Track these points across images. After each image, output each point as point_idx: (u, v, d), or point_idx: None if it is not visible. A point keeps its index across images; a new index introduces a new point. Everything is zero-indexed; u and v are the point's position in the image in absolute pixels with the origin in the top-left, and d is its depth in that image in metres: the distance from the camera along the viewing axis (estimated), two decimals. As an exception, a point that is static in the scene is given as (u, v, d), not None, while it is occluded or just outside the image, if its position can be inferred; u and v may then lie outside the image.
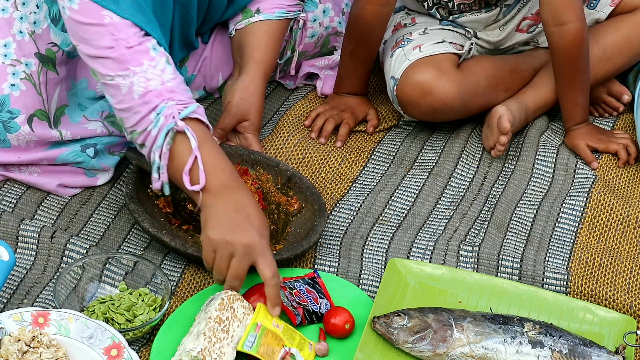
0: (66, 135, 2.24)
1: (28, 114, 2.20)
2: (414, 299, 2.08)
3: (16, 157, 2.23)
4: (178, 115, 1.99)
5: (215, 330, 1.90)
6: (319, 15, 2.59)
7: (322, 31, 2.62)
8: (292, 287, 2.07)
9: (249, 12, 2.45)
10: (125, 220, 2.25)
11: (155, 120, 2.00)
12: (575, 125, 2.54)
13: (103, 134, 2.28)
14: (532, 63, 2.62)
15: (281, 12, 2.45)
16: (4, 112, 2.18)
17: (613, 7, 2.61)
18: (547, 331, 1.97)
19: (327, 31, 2.63)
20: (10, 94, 2.19)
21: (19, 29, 2.20)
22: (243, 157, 2.35)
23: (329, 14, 2.61)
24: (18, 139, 2.20)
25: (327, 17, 2.61)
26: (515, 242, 2.28)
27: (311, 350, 1.98)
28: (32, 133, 2.20)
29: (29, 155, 2.23)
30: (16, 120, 2.19)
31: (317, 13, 2.59)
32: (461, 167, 2.49)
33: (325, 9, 2.60)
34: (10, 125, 2.19)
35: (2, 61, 2.20)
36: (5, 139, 2.20)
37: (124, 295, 2.04)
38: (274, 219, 2.27)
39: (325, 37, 2.64)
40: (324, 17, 2.60)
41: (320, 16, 2.60)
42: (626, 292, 2.15)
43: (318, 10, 2.59)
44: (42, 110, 2.22)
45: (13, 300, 2.06)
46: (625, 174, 2.50)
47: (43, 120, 2.22)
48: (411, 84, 2.44)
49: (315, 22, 2.59)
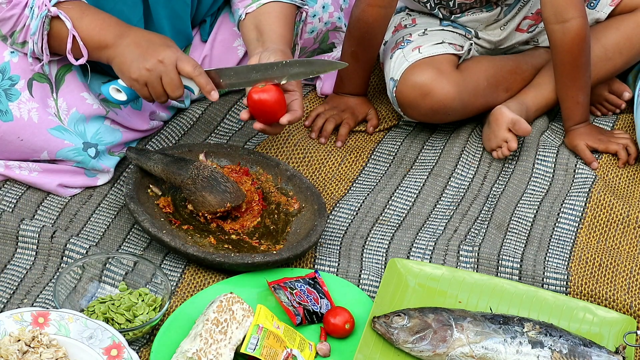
0: (62, 106, 2.23)
1: (27, 78, 2.20)
2: (414, 299, 2.08)
3: (17, 137, 2.21)
4: (49, 3, 2.12)
5: (212, 332, 1.91)
6: (318, 10, 2.59)
7: (321, 27, 2.62)
8: (292, 287, 2.07)
9: None
10: (125, 220, 2.25)
11: (30, 14, 2.13)
12: (575, 125, 2.54)
13: (100, 113, 2.28)
14: (532, 63, 2.62)
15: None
16: (5, 80, 2.19)
17: (613, 7, 2.61)
18: (547, 331, 1.97)
19: (326, 27, 2.63)
20: (10, 61, 2.20)
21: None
22: (243, 157, 2.35)
23: (328, 10, 2.61)
24: (19, 108, 2.20)
25: (326, 12, 2.61)
26: (515, 242, 2.28)
27: (311, 351, 1.98)
28: (32, 99, 2.20)
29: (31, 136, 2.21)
30: (16, 86, 2.19)
31: (316, 8, 2.59)
32: (461, 167, 2.49)
33: (325, 4, 2.60)
34: (11, 93, 2.19)
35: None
36: (7, 110, 2.19)
37: (124, 295, 2.04)
38: (274, 219, 2.27)
39: (325, 32, 2.64)
40: (323, 12, 2.60)
41: (320, 12, 2.60)
42: (626, 292, 2.15)
43: (317, 5, 2.59)
44: (40, 74, 2.22)
45: (13, 300, 2.06)
46: (625, 174, 2.50)
47: (43, 82, 2.22)
48: (410, 85, 2.44)
49: (315, 18, 2.59)
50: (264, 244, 2.19)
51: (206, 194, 2.18)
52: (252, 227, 2.24)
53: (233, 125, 2.54)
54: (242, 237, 2.21)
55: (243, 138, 2.51)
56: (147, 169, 2.24)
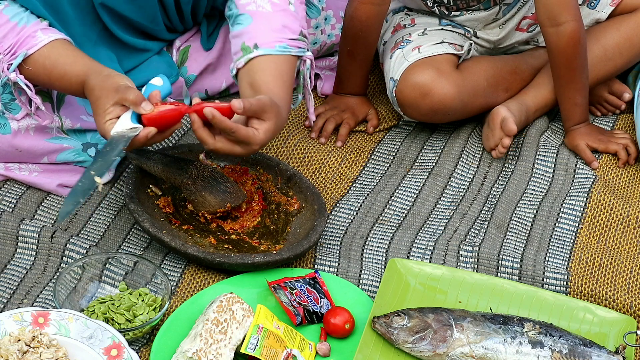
0: (66, 122, 2.23)
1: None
2: (414, 299, 2.08)
3: (15, 149, 2.22)
4: (7, 71, 2.11)
5: (212, 332, 1.91)
6: (320, 22, 2.59)
7: (324, 39, 2.62)
8: (292, 287, 2.07)
9: (248, 49, 2.21)
10: (125, 220, 2.25)
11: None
12: (574, 125, 2.54)
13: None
14: (532, 63, 2.62)
15: (282, 47, 2.21)
16: (5, 94, 2.19)
17: (613, 7, 2.61)
18: (547, 331, 1.97)
19: (330, 40, 2.63)
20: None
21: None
22: (243, 157, 2.35)
23: (330, 22, 2.61)
24: (19, 123, 2.20)
25: (328, 24, 2.61)
26: (515, 242, 2.28)
27: (311, 351, 1.98)
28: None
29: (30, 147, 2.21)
30: (17, 101, 2.19)
31: (319, 20, 2.59)
32: (461, 167, 2.49)
33: (327, 16, 2.60)
34: (11, 107, 2.19)
35: None
36: (6, 123, 2.19)
37: (124, 295, 2.04)
38: (274, 219, 2.27)
39: (330, 45, 2.64)
40: (325, 24, 2.61)
41: (322, 23, 2.60)
42: (626, 292, 2.15)
43: (320, 17, 2.59)
44: (43, 91, 2.22)
45: (13, 300, 2.06)
46: (625, 174, 2.50)
47: (45, 101, 2.22)
48: (410, 85, 2.44)
49: (317, 29, 2.59)
50: (264, 244, 2.19)
51: (206, 194, 2.18)
52: (252, 227, 2.24)
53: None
54: (242, 237, 2.21)
55: (243, 138, 2.51)
56: (147, 169, 2.24)
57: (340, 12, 2.62)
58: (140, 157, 2.24)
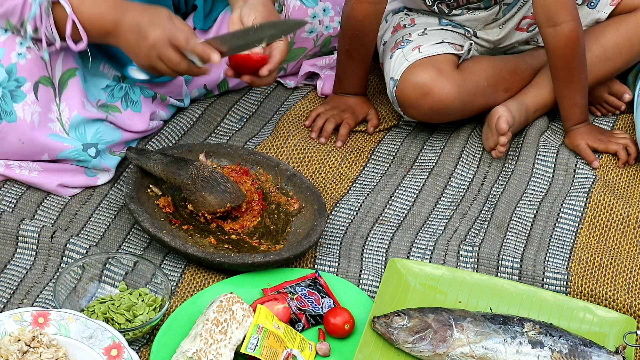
0: (64, 112, 2.23)
1: (33, 81, 2.21)
2: (414, 299, 2.08)
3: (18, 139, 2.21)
4: None
5: (212, 332, 1.91)
6: (318, 12, 2.59)
7: (322, 29, 2.62)
8: (293, 291, 2.07)
9: None
10: (125, 220, 2.25)
11: (33, 1, 2.12)
12: (574, 125, 2.54)
13: (100, 117, 2.28)
14: (532, 63, 2.62)
15: None
16: (12, 81, 2.19)
17: (613, 7, 2.61)
18: (547, 331, 1.97)
19: (327, 31, 2.63)
20: (17, 63, 2.20)
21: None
22: (243, 157, 2.35)
23: (329, 14, 2.61)
24: (23, 110, 2.20)
25: (327, 16, 2.61)
26: (515, 242, 2.28)
27: (311, 351, 1.98)
28: (37, 102, 2.20)
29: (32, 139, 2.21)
30: (22, 88, 2.20)
31: (317, 10, 2.59)
32: (461, 167, 2.49)
33: (325, 7, 2.60)
34: (17, 94, 2.19)
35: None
36: (12, 111, 2.20)
37: (124, 295, 2.04)
38: (274, 219, 2.27)
39: (327, 37, 2.64)
40: (323, 15, 2.61)
41: (320, 14, 2.60)
42: (626, 292, 2.15)
43: (318, 7, 2.59)
44: (46, 77, 2.22)
45: (13, 300, 2.06)
46: (625, 174, 2.50)
47: (47, 86, 2.22)
48: (410, 85, 2.44)
49: (315, 19, 2.59)
50: (264, 244, 2.19)
51: (206, 194, 2.18)
52: (252, 227, 2.24)
53: (233, 125, 2.54)
54: (242, 237, 2.21)
55: (243, 138, 2.51)
56: (147, 169, 2.24)
57: (337, 8, 2.62)
58: (140, 157, 2.24)
